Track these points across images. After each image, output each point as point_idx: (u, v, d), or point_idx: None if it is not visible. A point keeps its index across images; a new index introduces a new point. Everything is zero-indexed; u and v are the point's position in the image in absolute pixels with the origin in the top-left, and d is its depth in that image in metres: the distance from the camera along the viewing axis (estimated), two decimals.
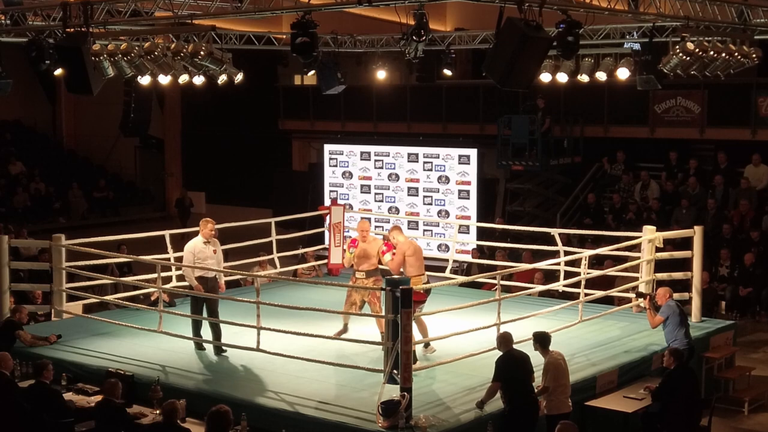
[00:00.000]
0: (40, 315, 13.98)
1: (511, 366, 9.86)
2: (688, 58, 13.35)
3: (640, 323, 12.70)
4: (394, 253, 11.80)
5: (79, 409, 10.33)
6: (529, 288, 14.07)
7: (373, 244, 12.13)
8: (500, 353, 10.09)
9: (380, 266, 12.05)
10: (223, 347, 11.84)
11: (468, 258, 17.95)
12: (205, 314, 12.08)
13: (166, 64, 13.44)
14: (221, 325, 11.98)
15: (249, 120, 27.34)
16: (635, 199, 19.37)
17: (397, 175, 21.39)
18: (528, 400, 9.82)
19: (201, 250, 12.18)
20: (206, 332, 12.12)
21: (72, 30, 12.65)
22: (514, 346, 10.22)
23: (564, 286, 13.67)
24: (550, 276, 15.17)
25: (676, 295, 12.87)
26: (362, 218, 14.15)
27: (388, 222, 21.22)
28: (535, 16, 10.24)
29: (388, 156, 21.53)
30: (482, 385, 10.16)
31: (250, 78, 16.20)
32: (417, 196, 21.18)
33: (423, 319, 11.38)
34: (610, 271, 13.97)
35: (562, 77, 16.28)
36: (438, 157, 20.82)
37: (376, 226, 20.84)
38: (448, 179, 20.71)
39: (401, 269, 11.55)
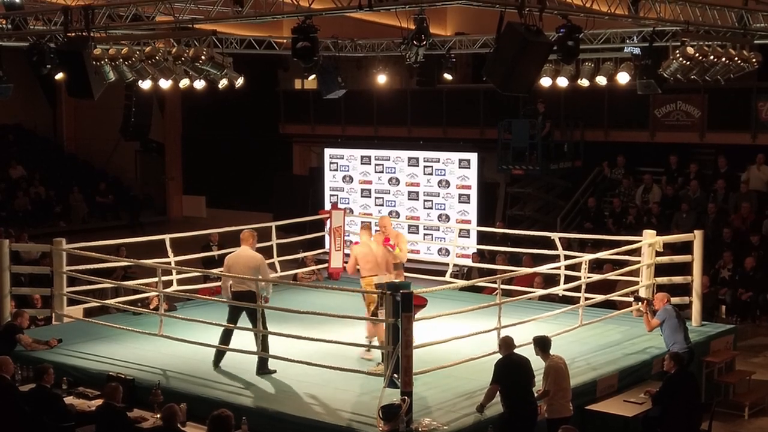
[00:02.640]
0: (40, 319, 13.99)
1: (510, 369, 9.87)
2: (688, 63, 13.35)
3: (640, 327, 12.71)
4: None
5: (79, 413, 10.35)
6: (530, 292, 14.10)
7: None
8: (500, 356, 10.09)
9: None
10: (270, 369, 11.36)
11: (468, 262, 17.95)
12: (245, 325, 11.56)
13: (167, 69, 13.46)
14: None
15: (249, 124, 27.35)
16: (635, 204, 19.37)
17: (397, 179, 21.39)
18: (527, 404, 9.82)
19: None
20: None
21: (73, 34, 12.66)
22: (516, 351, 10.23)
23: (564, 290, 13.68)
24: (551, 280, 15.18)
25: (676, 299, 12.90)
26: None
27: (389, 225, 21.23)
28: (535, 20, 10.25)
29: (389, 160, 21.54)
30: (482, 388, 10.16)
31: (250, 82, 16.22)
32: (417, 200, 21.18)
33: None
34: (611, 275, 13.97)
35: (563, 81, 16.29)
36: (438, 161, 20.82)
37: (375, 230, 20.85)
38: (448, 183, 20.71)
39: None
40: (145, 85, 15.32)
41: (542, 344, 10.26)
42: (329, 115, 24.03)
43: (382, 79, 17.85)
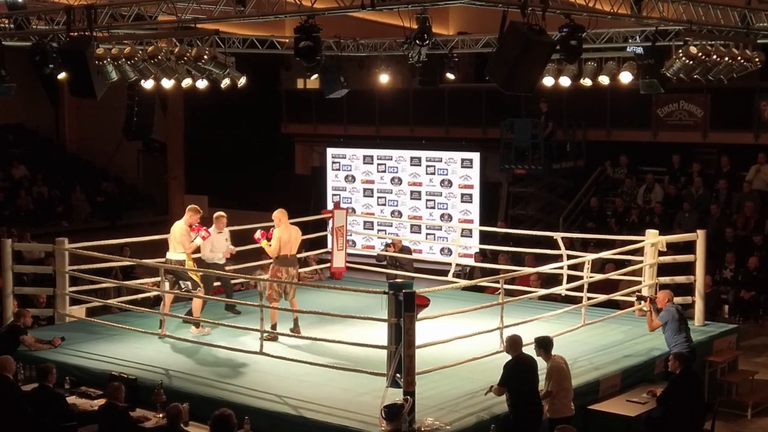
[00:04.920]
0: (43, 319, 13.99)
1: (519, 372, 9.84)
2: (691, 62, 13.34)
3: (642, 327, 12.70)
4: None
5: (82, 413, 10.35)
6: (532, 292, 14.09)
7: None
8: (509, 357, 10.07)
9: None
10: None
11: (471, 262, 17.94)
12: None
13: (169, 68, 13.46)
14: None
15: (252, 124, 27.32)
16: (638, 203, 19.36)
17: (399, 179, 21.40)
18: (533, 405, 9.82)
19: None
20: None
21: (75, 34, 12.66)
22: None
23: (567, 290, 13.68)
24: (553, 280, 15.17)
25: (679, 299, 12.88)
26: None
27: (391, 225, 21.26)
28: (538, 19, 10.24)
29: (391, 160, 21.56)
30: (485, 388, 10.15)
31: (253, 82, 16.21)
32: (420, 199, 21.19)
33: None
34: (613, 275, 13.97)
35: (565, 81, 16.26)
36: (441, 161, 20.84)
37: (379, 230, 20.89)
38: (450, 183, 20.72)
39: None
40: (148, 84, 15.32)
41: (544, 345, 10.24)
42: (331, 115, 24.00)
43: (384, 78, 17.83)
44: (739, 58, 13.74)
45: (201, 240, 13.10)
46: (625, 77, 15.65)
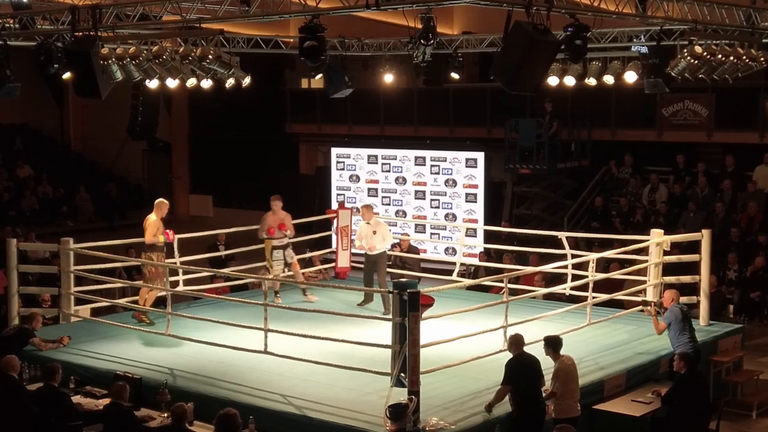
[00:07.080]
0: (48, 318, 14.00)
1: (522, 370, 9.84)
2: (696, 62, 13.33)
3: (647, 327, 12.67)
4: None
5: (87, 413, 10.35)
6: (537, 291, 14.08)
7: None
8: (510, 356, 10.07)
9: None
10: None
11: (475, 261, 17.92)
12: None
13: (174, 68, 13.48)
14: None
15: (256, 123, 27.36)
16: (643, 203, 19.35)
17: (404, 179, 21.39)
18: (536, 404, 9.81)
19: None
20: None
21: (80, 34, 12.69)
22: (525, 349, 10.21)
23: (572, 289, 13.66)
24: (557, 279, 15.16)
25: (684, 299, 12.85)
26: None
27: (395, 225, 21.25)
28: (542, 19, 10.25)
29: (396, 159, 21.53)
30: (490, 388, 10.16)
31: (257, 81, 16.22)
32: (424, 199, 21.17)
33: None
34: (618, 275, 13.95)
35: (570, 81, 16.24)
36: (445, 161, 20.82)
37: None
38: (455, 182, 20.70)
39: None
40: (152, 84, 15.35)
41: (554, 344, 10.24)
42: (336, 115, 24.03)
43: (389, 78, 17.83)
44: (744, 57, 13.74)
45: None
46: (630, 77, 15.65)
